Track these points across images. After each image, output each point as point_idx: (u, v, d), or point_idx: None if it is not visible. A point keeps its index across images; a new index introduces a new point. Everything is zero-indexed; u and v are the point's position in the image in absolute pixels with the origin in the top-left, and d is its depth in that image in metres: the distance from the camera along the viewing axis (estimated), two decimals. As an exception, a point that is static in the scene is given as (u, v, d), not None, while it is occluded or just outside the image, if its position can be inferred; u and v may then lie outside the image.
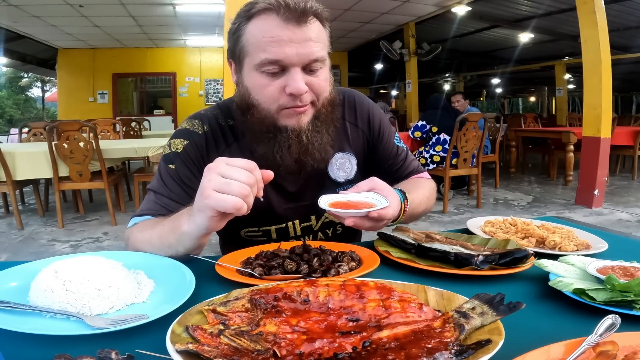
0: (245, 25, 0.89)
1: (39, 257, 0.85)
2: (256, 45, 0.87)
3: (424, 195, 1.11)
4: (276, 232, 1.12)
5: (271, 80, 0.88)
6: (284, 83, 0.88)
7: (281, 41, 0.85)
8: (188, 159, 1.02)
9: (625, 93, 19.87)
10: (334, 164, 1.11)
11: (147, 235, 0.90)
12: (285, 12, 0.85)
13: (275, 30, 0.85)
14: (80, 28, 8.97)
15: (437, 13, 8.10)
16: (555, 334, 0.54)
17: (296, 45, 0.85)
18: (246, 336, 0.51)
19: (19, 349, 0.56)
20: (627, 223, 4.27)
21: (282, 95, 0.89)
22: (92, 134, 4.00)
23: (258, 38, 0.87)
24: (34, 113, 25.18)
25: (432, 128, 5.11)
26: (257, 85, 0.90)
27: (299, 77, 0.87)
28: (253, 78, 0.90)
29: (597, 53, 4.68)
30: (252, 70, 0.90)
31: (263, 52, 0.86)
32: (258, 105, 0.92)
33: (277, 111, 0.91)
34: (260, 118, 0.92)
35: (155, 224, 0.92)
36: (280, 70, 0.88)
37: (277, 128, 0.93)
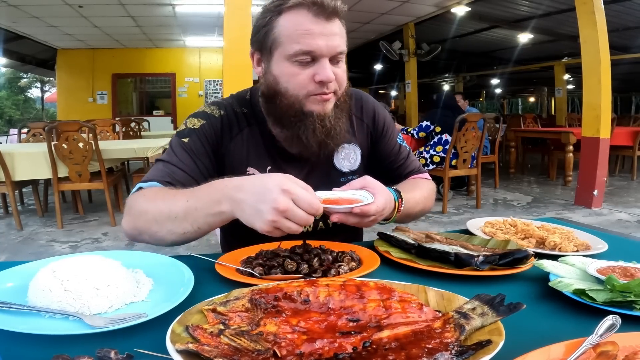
0: (277, 18, 0.96)
1: (38, 258, 0.85)
2: (290, 37, 0.94)
3: (422, 196, 1.13)
4: None
5: (302, 69, 0.96)
6: (314, 72, 0.95)
7: (313, 34, 0.93)
8: (203, 136, 1.05)
9: (624, 93, 19.89)
10: (340, 154, 1.15)
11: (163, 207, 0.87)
12: (316, 8, 0.93)
13: (307, 24, 0.93)
14: (79, 28, 8.97)
15: (437, 13, 8.10)
16: (556, 335, 0.54)
17: (325, 38, 0.94)
18: (246, 336, 0.51)
19: (18, 349, 0.56)
20: (626, 223, 4.27)
21: (311, 83, 0.96)
22: (91, 135, 4.00)
23: (291, 30, 0.94)
24: (34, 113, 25.17)
25: (436, 128, 5.10)
26: (287, 74, 0.97)
27: (328, 67, 0.95)
28: (284, 67, 0.97)
29: (596, 53, 4.68)
30: (283, 60, 0.96)
31: (297, 43, 0.93)
32: (286, 92, 0.98)
33: (305, 97, 0.98)
34: (288, 104, 0.99)
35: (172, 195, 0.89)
36: (311, 60, 0.95)
37: (303, 113, 0.99)
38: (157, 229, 0.88)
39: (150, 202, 0.91)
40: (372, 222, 0.91)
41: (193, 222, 0.84)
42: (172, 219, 0.85)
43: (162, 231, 0.88)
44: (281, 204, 0.72)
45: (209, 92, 11.51)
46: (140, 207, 0.92)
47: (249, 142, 1.09)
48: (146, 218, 0.89)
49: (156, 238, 0.90)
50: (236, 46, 3.71)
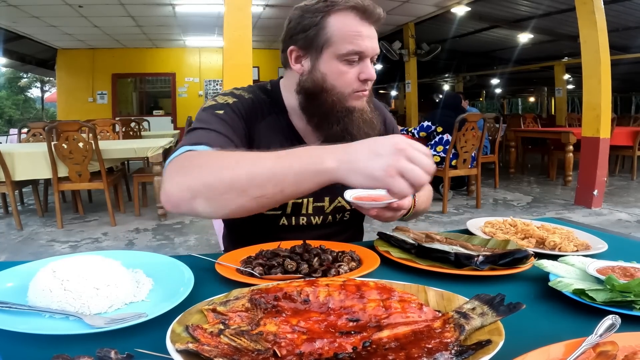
0: (327, 18, 1.00)
1: (38, 258, 0.85)
2: (342, 38, 0.99)
3: (425, 196, 1.20)
4: (292, 206, 1.13)
5: (350, 67, 1.01)
6: (359, 71, 1.02)
7: (363, 36, 1.00)
8: (238, 112, 1.05)
9: (624, 93, 19.88)
10: None
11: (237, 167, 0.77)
12: (363, 12, 1.00)
13: (357, 26, 1.00)
14: (79, 28, 8.97)
15: (437, 13, 8.10)
16: (555, 334, 0.54)
17: (371, 41, 1.01)
18: (246, 336, 0.51)
19: (18, 349, 0.56)
20: (626, 223, 4.27)
21: (356, 81, 1.03)
22: (91, 135, 4.00)
23: (344, 31, 0.99)
24: (34, 113, 25.16)
25: (437, 128, 5.10)
26: (336, 72, 1.02)
27: (371, 67, 1.03)
28: (333, 66, 1.02)
29: (596, 53, 4.68)
30: (333, 59, 1.01)
31: (350, 44, 0.99)
32: (333, 89, 1.03)
33: (350, 94, 1.04)
34: (334, 101, 1.03)
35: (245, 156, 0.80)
36: (357, 60, 1.01)
37: (347, 109, 1.05)
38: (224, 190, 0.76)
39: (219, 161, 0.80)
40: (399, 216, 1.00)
41: (278, 183, 0.74)
42: (250, 179, 0.75)
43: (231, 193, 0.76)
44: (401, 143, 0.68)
45: (209, 92, 11.51)
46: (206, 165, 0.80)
47: (273, 129, 1.11)
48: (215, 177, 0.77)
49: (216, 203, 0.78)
50: (236, 46, 3.72)
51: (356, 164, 0.70)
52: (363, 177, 0.69)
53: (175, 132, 7.97)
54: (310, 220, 1.15)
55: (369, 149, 0.70)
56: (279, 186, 0.74)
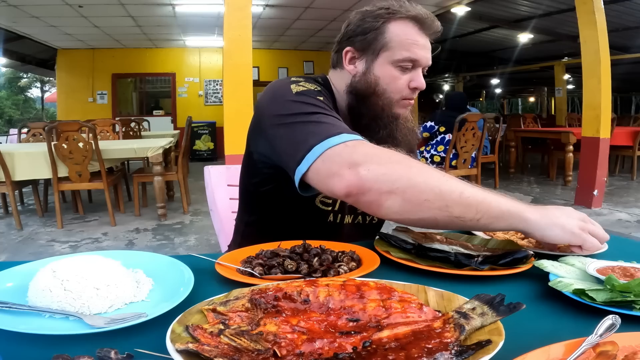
0: (387, 24, 1.03)
1: (38, 258, 0.85)
2: (400, 44, 1.02)
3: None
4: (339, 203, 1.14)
5: (402, 74, 1.04)
6: (411, 78, 1.04)
7: (419, 45, 1.03)
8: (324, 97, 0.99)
9: (624, 93, 19.87)
10: None
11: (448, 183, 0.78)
12: (422, 24, 1.03)
13: (415, 35, 1.03)
14: (79, 28, 8.96)
15: (437, 13, 8.08)
16: (555, 335, 0.54)
17: (426, 51, 1.05)
18: (246, 336, 0.51)
19: (18, 349, 0.56)
20: (626, 223, 4.27)
21: (406, 88, 1.06)
22: (91, 135, 4.00)
23: (402, 38, 1.02)
24: (34, 113, 25.17)
25: (440, 128, 5.10)
26: (389, 76, 1.04)
27: (422, 76, 1.06)
28: (387, 70, 1.04)
29: (596, 53, 4.68)
30: (388, 63, 1.04)
31: (406, 51, 1.02)
32: (383, 93, 1.05)
33: (398, 101, 1.06)
34: (383, 105, 1.05)
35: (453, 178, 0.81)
36: (410, 67, 1.04)
37: (393, 115, 1.07)
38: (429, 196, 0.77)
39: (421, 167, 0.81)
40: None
41: (480, 211, 0.78)
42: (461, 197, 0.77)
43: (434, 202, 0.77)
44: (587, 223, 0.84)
45: (209, 92, 11.51)
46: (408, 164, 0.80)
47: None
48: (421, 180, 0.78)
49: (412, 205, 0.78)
50: (236, 46, 3.72)
51: (556, 220, 0.81)
52: (563, 231, 0.81)
53: (175, 132, 7.96)
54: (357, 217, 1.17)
55: (562, 212, 0.84)
56: (480, 214, 0.78)
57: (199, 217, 4.65)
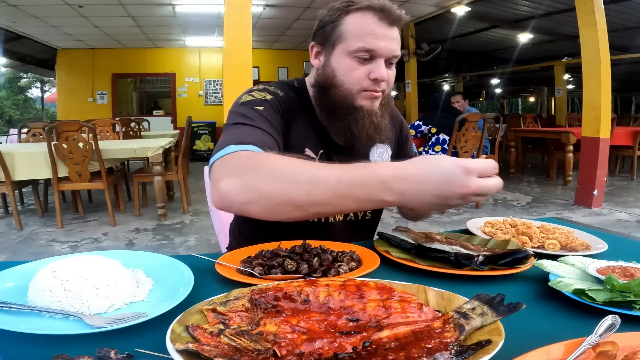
0: (345, 17, 1.03)
1: (38, 258, 0.85)
2: (355, 35, 1.01)
3: None
4: None
5: (360, 65, 1.02)
6: (370, 69, 1.02)
7: (377, 35, 1.00)
8: (276, 107, 1.06)
9: (624, 93, 19.87)
10: (375, 153, 1.22)
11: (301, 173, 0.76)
12: (382, 14, 1.01)
13: (372, 25, 1.01)
14: (79, 28, 8.96)
15: (437, 13, 8.10)
16: (555, 334, 0.54)
17: (387, 41, 1.01)
18: (246, 336, 0.51)
19: (18, 349, 0.56)
20: (626, 223, 4.27)
21: (366, 80, 1.03)
22: (91, 135, 4.00)
23: (357, 29, 1.01)
24: (33, 113, 25.16)
25: (432, 129, 5.11)
26: (345, 68, 1.03)
27: (383, 67, 1.02)
28: (343, 61, 1.03)
29: (596, 53, 4.68)
30: (344, 55, 1.03)
31: (361, 41, 1.00)
32: (341, 85, 1.04)
33: (358, 92, 1.04)
34: (342, 96, 1.05)
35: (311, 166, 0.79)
36: (369, 58, 1.02)
37: (354, 107, 1.05)
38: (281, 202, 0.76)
39: (277, 170, 0.78)
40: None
41: (338, 205, 0.75)
42: (310, 198, 0.74)
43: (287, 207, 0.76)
44: (472, 186, 0.69)
45: (209, 92, 11.51)
46: (263, 171, 0.78)
47: (306, 126, 1.13)
48: (270, 187, 0.76)
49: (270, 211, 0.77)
50: (236, 46, 3.72)
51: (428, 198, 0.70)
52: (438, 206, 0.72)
53: (175, 132, 7.95)
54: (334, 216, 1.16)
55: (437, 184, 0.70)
56: (339, 207, 0.76)
57: (199, 217, 4.65)
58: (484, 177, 0.71)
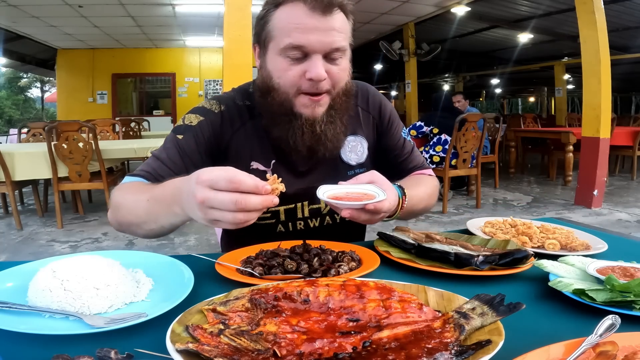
0: (273, 11, 0.94)
1: (38, 258, 0.85)
2: (282, 31, 0.92)
3: (425, 193, 1.10)
4: (285, 213, 1.11)
5: (293, 64, 0.92)
6: (305, 68, 0.92)
7: (306, 28, 0.89)
8: (199, 135, 1.03)
9: (624, 93, 19.88)
10: (346, 147, 1.13)
11: (131, 203, 0.88)
12: (312, 2, 0.89)
13: (301, 17, 0.90)
14: (79, 28, 8.97)
15: (437, 13, 8.10)
16: (555, 334, 0.54)
17: (320, 34, 0.90)
18: (246, 336, 0.51)
19: (18, 349, 0.56)
20: (626, 223, 4.27)
21: (302, 80, 0.93)
22: (91, 135, 4.00)
23: (284, 24, 0.92)
24: (33, 113, 25.17)
25: (433, 129, 5.12)
26: (279, 69, 0.94)
27: (320, 64, 0.91)
28: (276, 62, 0.94)
29: (596, 53, 4.68)
30: (276, 54, 0.94)
31: (288, 37, 0.91)
32: (278, 89, 0.96)
33: (295, 95, 0.95)
34: (279, 101, 0.96)
35: (142, 191, 0.88)
36: (303, 56, 0.92)
37: (293, 114, 0.97)
38: (129, 223, 0.91)
39: (123, 197, 0.92)
40: (380, 219, 0.88)
41: (155, 221, 0.84)
42: (138, 216, 0.86)
43: (133, 226, 0.90)
44: (198, 195, 0.66)
45: (209, 92, 11.51)
46: (116, 200, 0.93)
47: (253, 136, 1.06)
48: (121, 212, 0.91)
49: (132, 231, 0.92)
50: (236, 46, 3.71)
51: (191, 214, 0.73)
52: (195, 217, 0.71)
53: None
54: (308, 223, 1.13)
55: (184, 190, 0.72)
56: (159, 223, 0.84)
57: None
58: (217, 189, 0.66)
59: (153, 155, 1.04)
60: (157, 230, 0.88)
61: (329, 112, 0.98)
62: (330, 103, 0.98)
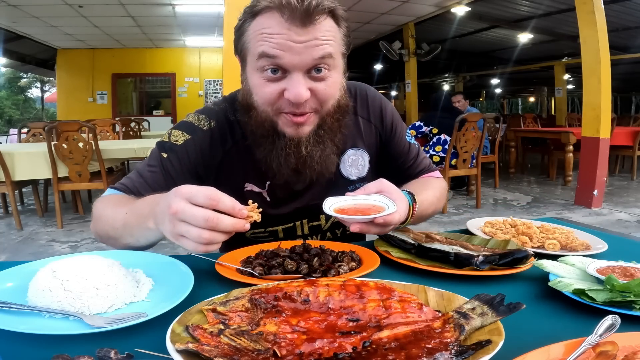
0: (250, 22, 0.84)
1: (38, 258, 0.85)
2: (255, 45, 0.83)
3: (434, 196, 1.06)
4: (283, 232, 1.09)
5: (271, 82, 0.84)
6: (284, 87, 0.83)
7: (280, 42, 0.79)
8: (184, 156, 0.98)
9: (624, 93, 19.89)
10: (346, 161, 1.07)
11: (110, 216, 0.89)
12: (288, 12, 0.78)
13: (275, 28, 0.79)
14: (79, 28, 8.97)
15: (437, 13, 8.10)
16: (555, 334, 0.54)
17: (299, 47, 0.79)
18: (246, 336, 0.51)
19: (18, 349, 0.56)
20: (626, 223, 4.28)
21: (281, 99, 0.84)
22: (91, 135, 4.00)
23: (257, 34, 0.82)
24: (33, 113, 25.17)
25: (433, 130, 5.12)
26: (256, 85, 0.86)
27: (300, 83, 0.81)
28: (254, 78, 0.86)
29: (596, 53, 4.68)
30: (253, 69, 0.85)
31: (260, 53, 0.82)
32: (258, 107, 0.88)
33: (275, 114, 0.87)
34: (260, 120, 0.88)
35: (123, 204, 0.89)
36: (282, 72, 0.83)
37: (276, 133, 0.89)
38: (108, 236, 0.91)
39: (104, 209, 0.92)
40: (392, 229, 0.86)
41: (131, 235, 0.85)
42: (116, 229, 0.87)
43: (112, 240, 0.91)
44: (173, 206, 0.65)
45: (209, 92, 11.51)
46: (97, 212, 0.94)
47: (246, 155, 0.98)
48: (101, 224, 0.92)
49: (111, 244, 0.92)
50: (236, 46, 3.72)
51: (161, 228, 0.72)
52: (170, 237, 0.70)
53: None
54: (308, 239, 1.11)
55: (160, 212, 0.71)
56: (134, 237, 0.84)
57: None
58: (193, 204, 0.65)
59: (136, 171, 1.02)
60: (133, 245, 0.87)
61: (317, 132, 0.89)
62: (318, 122, 0.89)
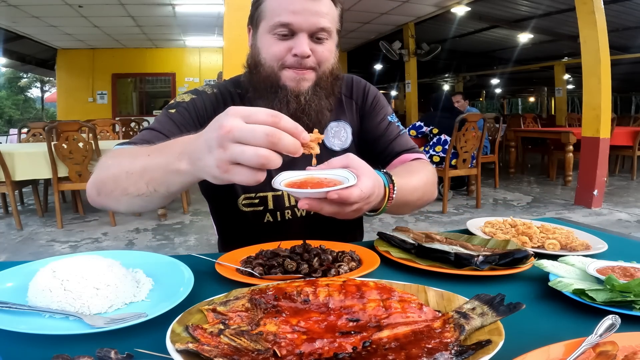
0: None
1: (38, 258, 0.85)
2: (273, 11, 1.00)
3: (420, 181, 1.00)
4: (273, 200, 1.11)
5: (280, 41, 1.00)
6: (291, 45, 0.99)
7: (295, 10, 0.98)
8: (191, 109, 1.07)
9: (624, 93, 19.89)
10: (329, 132, 1.16)
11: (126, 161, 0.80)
12: None
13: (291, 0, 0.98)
14: (79, 28, 8.97)
15: (437, 13, 8.10)
16: (555, 334, 0.54)
17: (307, 14, 0.98)
18: (246, 336, 0.51)
19: (18, 349, 0.56)
20: (626, 223, 4.27)
21: (287, 55, 1.00)
22: (91, 135, 4.00)
23: (275, 5, 1.00)
24: (33, 113, 25.16)
25: (433, 130, 5.12)
26: (266, 45, 1.02)
27: (305, 42, 0.99)
28: (265, 39, 1.02)
29: (596, 53, 4.68)
30: (266, 32, 1.02)
31: (278, 16, 0.98)
32: (264, 63, 1.02)
33: (280, 69, 1.01)
34: (265, 75, 1.03)
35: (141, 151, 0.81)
36: (290, 34, 0.99)
37: (279, 86, 1.02)
38: (113, 187, 0.80)
39: (115, 159, 0.85)
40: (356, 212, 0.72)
41: (149, 181, 0.73)
42: (129, 175, 0.76)
43: (117, 190, 0.79)
44: (226, 124, 0.58)
45: (209, 92, 11.51)
46: (105, 162, 0.86)
47: None
48: (106, 174, 0.82)
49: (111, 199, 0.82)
50: (236, 46, 3.71)
51: (200, 163, 0.63)
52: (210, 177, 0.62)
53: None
54: (295, 212, 1.13)
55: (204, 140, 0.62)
56: (151, 185, 0.74)
57: (199, 217, 4.65)
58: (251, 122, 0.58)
59: (146, 129, 1.04)
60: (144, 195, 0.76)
61: (314, 88, 1.04)
62: (315, 80, 1.04)
